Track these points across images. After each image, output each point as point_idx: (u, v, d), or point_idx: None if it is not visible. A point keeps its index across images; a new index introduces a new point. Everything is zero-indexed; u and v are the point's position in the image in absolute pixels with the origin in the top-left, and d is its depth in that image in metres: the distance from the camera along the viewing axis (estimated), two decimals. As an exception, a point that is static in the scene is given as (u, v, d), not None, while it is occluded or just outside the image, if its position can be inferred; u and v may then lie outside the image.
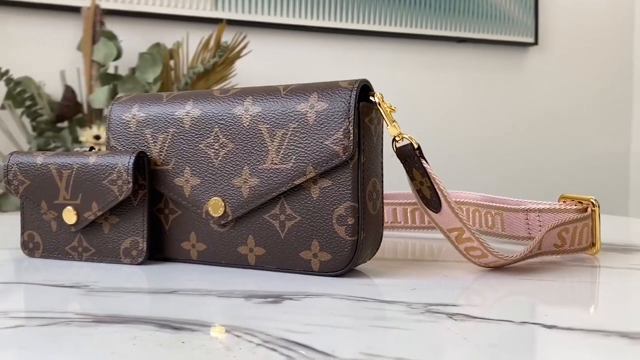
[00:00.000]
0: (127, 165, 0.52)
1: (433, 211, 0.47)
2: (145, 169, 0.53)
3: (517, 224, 0.58)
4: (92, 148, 0.56)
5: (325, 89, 0.48)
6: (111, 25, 1.64)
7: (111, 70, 1.61)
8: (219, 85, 1.71)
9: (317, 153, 0.47)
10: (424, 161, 0.46)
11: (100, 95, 1.54)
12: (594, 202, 0.54)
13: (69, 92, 1.53)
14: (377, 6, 1.98)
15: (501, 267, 0.50)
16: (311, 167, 0.47)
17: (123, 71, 1.64)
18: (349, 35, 1.99)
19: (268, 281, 0.47)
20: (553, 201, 0.58)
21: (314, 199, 0.48)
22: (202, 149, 0.51)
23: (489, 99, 2.15)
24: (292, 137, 0.48)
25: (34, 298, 0.43)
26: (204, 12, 1.84)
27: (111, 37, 1.60)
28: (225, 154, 0.50)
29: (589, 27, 2.29)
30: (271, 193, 0.48)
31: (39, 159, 0.55)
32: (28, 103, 1.52)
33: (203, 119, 0.52)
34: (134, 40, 1.71)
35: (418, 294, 0.43)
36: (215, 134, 0.51)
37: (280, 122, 0.48)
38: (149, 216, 0.53)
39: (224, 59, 1.68)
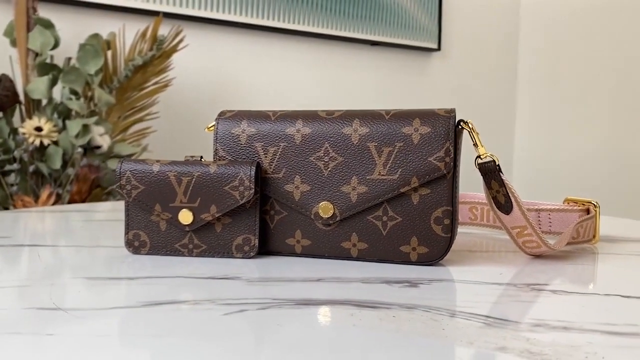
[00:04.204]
0: (249, 174, 0.60)
1: (504, 213, 0.61)
2: (259, 177, 0.61)
3: (530, 220, 0.73)
4: (201, 157, 0.63)
5: (425, 116, 0.59)
6: (41, 13, 1.60)
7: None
8: (156, 79, 1.73)
9: (421, 167, 0.58)
10: (502, 175, 0.59)
11: (40, 86, 1.52)
12: (595, 204, 0.71)
13: (8, 81, 1.49)
14: (299, 8, 2.08)
15: (540, 256, 0.65)
16: (415, 179, 0.59)
17: (57, 61, 1.62)
18: (271, 33, 2.08)
19: (377, 270, 0.58)
20: (558, 202, 0.74)
21: (414, 203, 0.59)
22: (312, 161, 0.61)
23: (396, 98, 2.35)
24: (398, 154, 0.59)
25: (221, 289, 0.51)
26: (136, 4, 1.84)
27: (48, 25, 1.57)
28: (334, 165, 0.60)
29: (482, 37, 2.56)
30: (378, 199, 0.59)
31: (155, 167, 0.61)
32: (-38, 91, 1.46)
33: (313, 136, 0.61)
34: (63, 30, 1.68)
35: (508, 277, 0.56)
36: (326, 148, 0.61)
37: (387, 141, 0.59)
38: (260, 217, 0.62)
39: (162, 52, 1.71)
